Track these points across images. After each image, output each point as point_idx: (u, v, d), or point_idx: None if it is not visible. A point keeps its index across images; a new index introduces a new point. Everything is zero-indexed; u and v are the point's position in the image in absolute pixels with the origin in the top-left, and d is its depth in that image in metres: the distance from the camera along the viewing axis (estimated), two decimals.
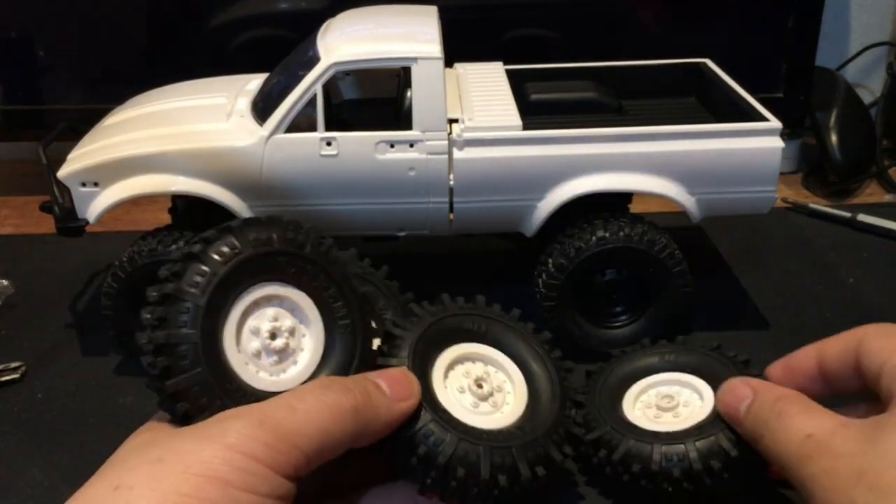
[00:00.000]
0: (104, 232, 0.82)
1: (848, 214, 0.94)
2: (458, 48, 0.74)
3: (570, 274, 0.69)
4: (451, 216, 0.70)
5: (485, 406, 0.50)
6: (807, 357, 0.50)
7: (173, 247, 0.68)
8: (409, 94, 0.67)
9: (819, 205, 0.97)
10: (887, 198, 1.02)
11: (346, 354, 0.46)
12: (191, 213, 0.74)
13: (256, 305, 0.45)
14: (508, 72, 0.79)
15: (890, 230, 0.91)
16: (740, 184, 0.69)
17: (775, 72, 0.99)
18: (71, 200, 0.70)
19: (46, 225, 0.73)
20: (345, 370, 0.46)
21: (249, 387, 0.43)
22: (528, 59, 0.83)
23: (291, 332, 0.46)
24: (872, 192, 1.03)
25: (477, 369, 0.51)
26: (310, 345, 0.46)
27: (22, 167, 1.10)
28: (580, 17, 0.98)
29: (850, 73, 1.16)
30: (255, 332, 0.45)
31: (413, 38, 0.68)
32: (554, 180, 0.68)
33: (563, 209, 0.69)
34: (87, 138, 0.74)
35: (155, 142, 0.69)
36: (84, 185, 0.69)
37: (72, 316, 0.81)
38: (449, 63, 0.72)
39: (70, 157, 0.71)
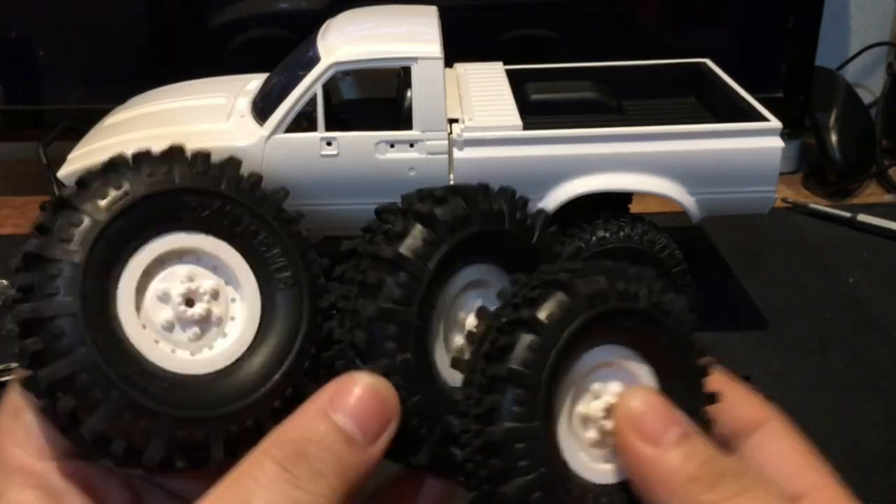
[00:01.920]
0: None
1: (848, 214, 0.94)
2: (458, 48, 0.74)
3: None
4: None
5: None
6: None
7: None
8: (409, 94, 0.67)
9: (819, 205, 0.97)
10: (887, 198, 1.02)
11: (291, 319, 0.34)
12: None
13: (161, 263, 0.33)
14: (508, 72, 0.80)
15: (890, 230, 0.91)
16: (740, 184, 0.69)
17: (775, 72, 0.99)
18: None
19: None
20: (290, 338, 0.34)
21: (161, 370, 0.31)
22: (528, 59, 0.83)
23: (214, 294, 0.34)
24: (872, 192, 1.03)
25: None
26: (242, 310, 0.34)
27: (22, 167, 1.10)
28: (580, 17, 0.98)
29: (850, 73, 1.16)
30: (164, 299, 0.33)
31: (413, 38, 0.68)
32: (554, 180, 0.68)
33: (563, 209, 0.69)
34: (87, 138, 0.74)
35: (155, 142, 0.68)
36: None
37: None
38: (449, 63, 0.72)
39: (70, 156, 0.71)
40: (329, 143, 0.67)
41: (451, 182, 0.68)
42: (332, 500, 0.29)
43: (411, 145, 0.67)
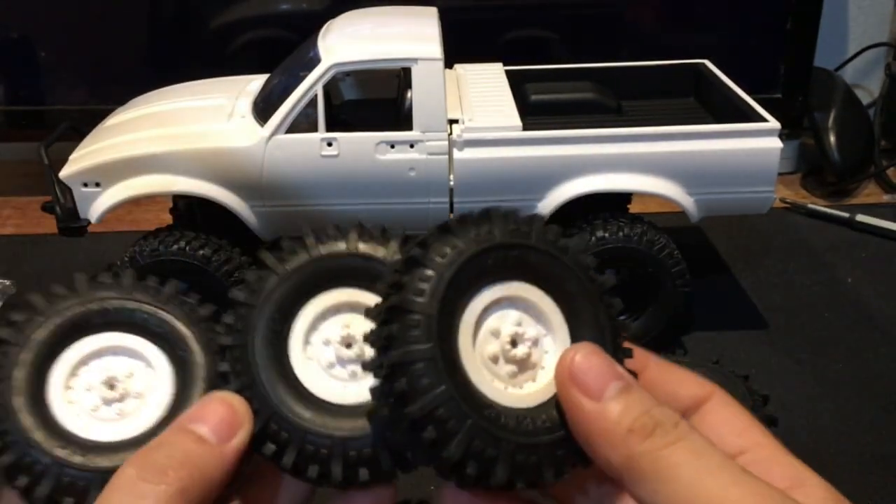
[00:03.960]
0: (106, 232, 0.83)
1: (846, 215, 0.94)
2: (458, 49, 0.74)
3: None
4: (451, 216, 0.70)
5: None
6: (638, 358, 0.39)
7: (174, 247, 0.68)
8: (409, 94, 0.67)
9: (817, 205, 0.97)
10: (885, 198, 1.02)
11: None
12: (192, 213, 0.74)
13: (487, 310, 0.36)
14: (508, 73, 0.80)
15: (888, 230, 0.91)
16: (739, 184, 0.69)
17: (774, 73, 0.99)
18: (73, 200, 0.70)
19: (48, 225, 0.73)
20: None
21: (492, 401, 0.34)
22: (528, 59, 0.84)
23: (535, 342, 0.36)
24: (871, 193, 1.03)
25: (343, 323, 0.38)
26: (552, 356, 0.36)
27: (23, 167, 1.10)
28: (580, 19, 0.99)
29: (849, 73, 1.16)
30: (495, 334, 0.36)
31: (413, 39, 0.68)
32: (554, 180, 0.69)
33: (563, 209, 0.69)
34: (88, 139, 0.74)
35: (156, 142, 0.69)
36: (86, 185, 0.69)
37: None
38: (449, 64, 0.72)
39: (72, 157, 0.72)
40: (329, 144, 0.67)
41: (452, 182, 0.69)
42: (178, 489, 0.33)
43: (411, 146, 0.68)
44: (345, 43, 0.69)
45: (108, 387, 0.38)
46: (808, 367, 0.72)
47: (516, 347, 0.35)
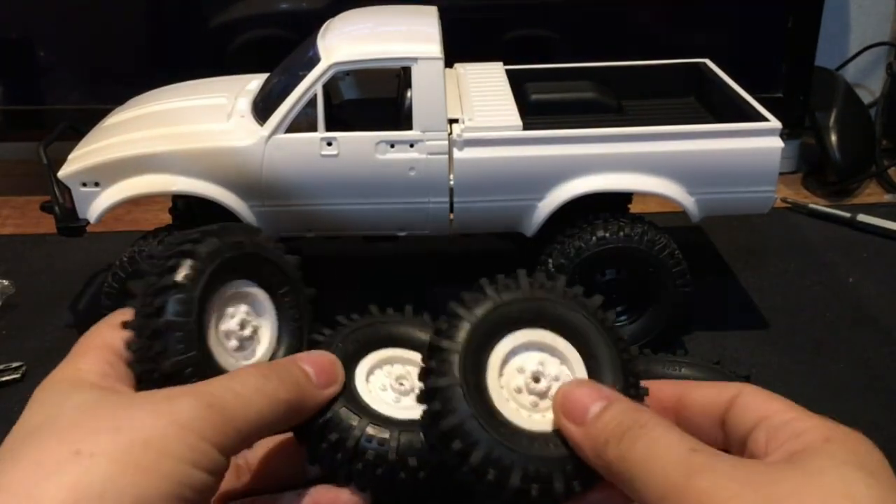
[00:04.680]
0: (105, 232, 0.83)
1: (847, 214, 0.94)
2: (458, 48, 0.74)
3: (571, 274, 0.69)
4: (451, 216, 0.70)
5: (406, 401, 0.48)
6: (665, 392, 0.45)
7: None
8: (409, 94, 0.67)
9: (818, 205, 0.97)
10: (887, 198, 1.02)
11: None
12: (191, 212, 0.74)
13: (514, 352, 0.44)
14: (508, 72, 0.80)
15: (889, 230, 0.91)
16: (740, 184, 0.69)
17: (775, 72, 0.99)
18: (72, 200, 0.70)
19: (47, 225, 0.73)
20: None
21: (511, 422, 0.42)
22: (528, 59, 0.83)
23: (556, 378, 0.43)
24: (872, 192, 1.03)
25: (396, 370, 0.50)
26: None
27: (22, 167, 1.10)
28: (580, 18, 0.99)
29: (850, 73, 1.16)
30: (521, 371, 0.43)
31: (413, 39, 0.68)
32: (554, 180, 0.69)
33: (563, 209, 0.69)
34: (87, 138, 0.74)
35: (156, 142, 0.69)
36: (85, 184, 0.69)
37: (72, 316, 0.81)
38: (449, 63, 0.72)
39: (71, 157, 0.71)
40: (329, 144, 0.67)
41: (452, 182, 0.68)
42: (286, 404, 0.42)
43: (411, 145, 0.67)
44: (344, 42, 0.68)
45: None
46: (809, 367, 0.72)
47: (538, 382, 0.42)
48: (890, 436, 0.63)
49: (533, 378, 0.42)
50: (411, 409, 0.46)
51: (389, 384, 0.49)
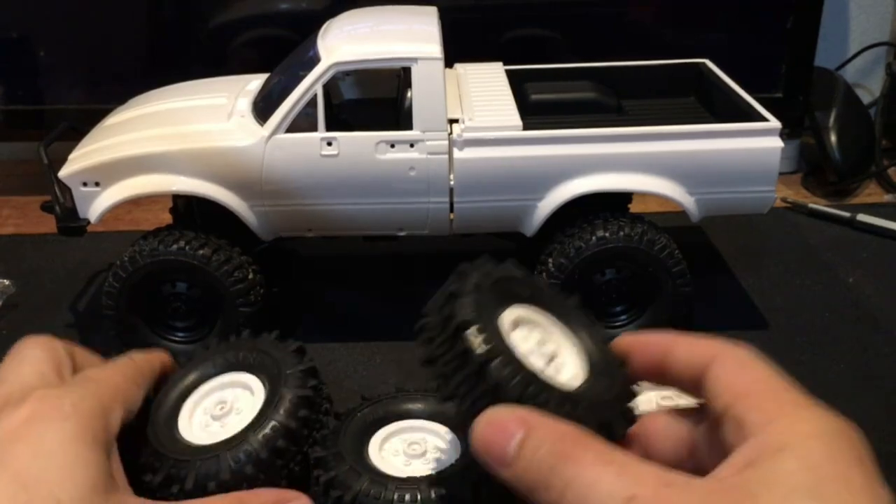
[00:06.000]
0: (105, 231, 0.83)
1: (847, 214, 0.94)
2: (458, 48, 0.74)
3: (570, 273, 0.69)
4: (452, 216, 0.70)
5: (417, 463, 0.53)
6: (656, 343, 0.43)
7: (174, 246, 0.68)
8: (409, 94, 0.67)
9: (818, 205, 0.97)
10: (886, 198, 1.02)
11: None
12: (192, 212, 0.74)
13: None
14: (508, 72, 0.80)
15: (889, 230, 0.91)
16: (740, 184, 0.69)
17: (775, 72, 0.99)
18: (72, 200, 0.70)
19: (48, 225, 0.73)
20: None
21: (533, 367, 0.44)
22: (528, 59, 0.83)
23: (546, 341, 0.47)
24: (871, 192, 1.03)
25: (411, 437, 0.55)
26: (564, 350, 0.47)
27: (23, 167, 1.10)
28: (580, 18, 0.99)
29: (850, 73, 1.16)
30: (525, 340, 0.46)
31: (413, 39, 0.68)
32: (554, 180, 0.69)
33: (563, 209, 0.69)
34: (88, 138, 0.74)
35: (156, 142, 0.69)
36: (85, 184, 0.69)
37: (73, 315, 0.81)
38: (449, 63, 0.72)
39: (71, 157, 0.72)
40: (329, 143, 0.67)
41: (452, 182, 0.68)
42: None
43: (411, 145, 0.68)
44: (344, 42, 0.68)
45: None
46: (809, 367, 0.72)
47: (546, 346, 0.44)
48: (890, 436, 0.63)
49: (538, 344, 0.44)
50: (418, 469, 0.51)
51: (402, 449, 0.53)
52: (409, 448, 0.53)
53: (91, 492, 0.40)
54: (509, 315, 0.45)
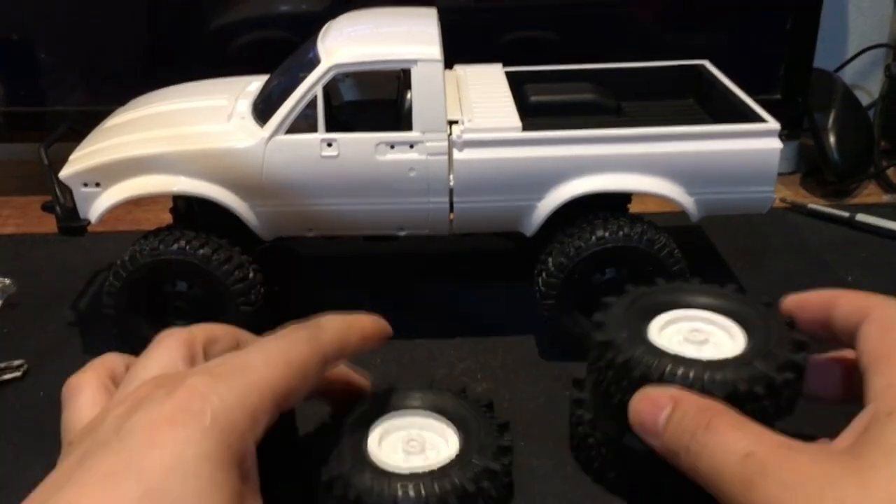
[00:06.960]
0: (106, 231, 0.83)
1: (846, 214, 0.94)
2: (457, 50, 0.74)
3: (570, 273, 0.69)
4: (451, 216, 0.70)
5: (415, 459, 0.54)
6: (820, 299, 0.48)
7: (174, 246, 0.68)
8: (409, 95, 0.67)
9: (817, 205, 0.97)
10: (885, 198, 1.02)
11: None
12: (192, 212, 0.74)
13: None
14: (508, 73, 0.80)
15: (888, 230, 0.91)
16: (739, 184, 0.69)
17: (774, 74, 0.99)
18: (73, 200, 0.70)
19: (48, 225, 0.73)
20: None
21: (668, 349, 0.51)
22: (528, 60, 0.84)
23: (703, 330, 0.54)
24: (871, 193, 1.03)
25: (409, 434, 0.55)
26: (718, 337, 0.54)
27: (23, 168, 1.10)
28: (579, 19, 0.99)
29: (848, 74, 1.16)
30: (679, 331, 0.54)
31: (413, 41, 0.68)
32: (553, 181, 0.69)
33: (563, 209, 0.69)
34: (88, 139, 0.74)
35: (156, 143, 0.69)
36: (86, 185, 0.69)
37: (74, 314, 0.81)
38: (449, 65, 0.72)
39: (72, 157, 0.72)
40: (329, 145, 0.67)
41: (452, 182, 0.69)
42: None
43: (411, 146, 0.68)
44: (344, 44, 0.69)
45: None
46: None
47: (694, 334, 0.51)
48: None
49: (689, 332, 0.51)
50: (418, 464, 0.52)
51: (401, 446, 0.54)
52: (407, 445, 0.53)
53: None
54: (656, 323, 0.53)
